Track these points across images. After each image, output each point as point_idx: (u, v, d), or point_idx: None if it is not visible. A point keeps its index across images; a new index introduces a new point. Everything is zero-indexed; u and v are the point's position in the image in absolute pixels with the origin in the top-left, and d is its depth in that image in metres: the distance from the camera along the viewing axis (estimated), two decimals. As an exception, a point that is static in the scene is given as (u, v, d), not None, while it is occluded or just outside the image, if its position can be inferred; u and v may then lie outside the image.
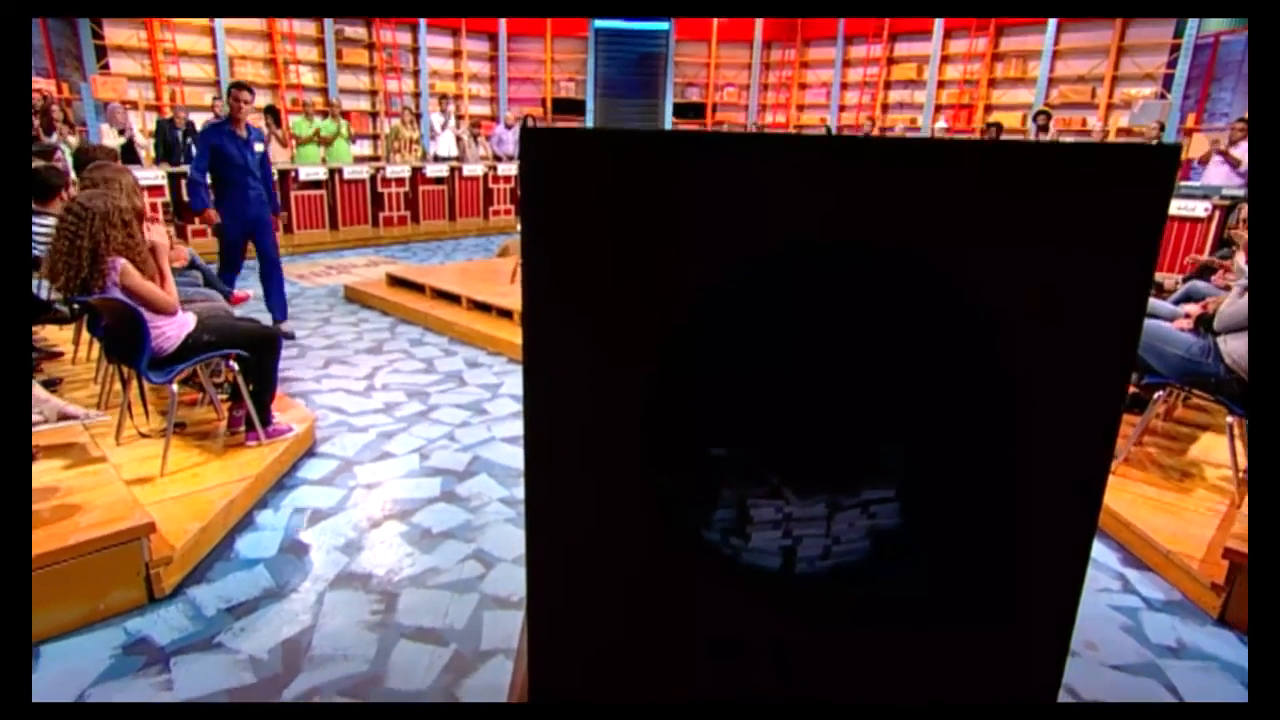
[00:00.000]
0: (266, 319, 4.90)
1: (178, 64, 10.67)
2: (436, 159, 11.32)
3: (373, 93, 12.84)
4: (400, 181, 10.11)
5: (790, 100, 13.94)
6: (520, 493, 2.94)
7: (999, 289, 1.08)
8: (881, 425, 1.26)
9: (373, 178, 9.83)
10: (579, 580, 1.26)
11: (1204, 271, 5.15)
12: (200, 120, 9.96)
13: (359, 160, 11.23)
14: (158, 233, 2.81)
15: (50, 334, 4.26)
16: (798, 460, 1.27)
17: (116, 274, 2.60)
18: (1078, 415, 1.15)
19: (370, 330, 5.33)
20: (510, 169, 11.35)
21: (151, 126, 10.26)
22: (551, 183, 1.06)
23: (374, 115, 12.95)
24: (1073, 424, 1.15)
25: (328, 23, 11.87)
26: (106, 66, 10.13)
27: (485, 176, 11.05)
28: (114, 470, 2.61)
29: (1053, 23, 10.93)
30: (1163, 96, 10.08)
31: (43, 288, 4.43)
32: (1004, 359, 1.11)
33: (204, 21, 10.82)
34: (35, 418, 2.53)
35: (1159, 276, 6.59)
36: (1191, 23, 9.85)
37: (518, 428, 3.62)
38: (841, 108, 13.38)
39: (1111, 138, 10.41)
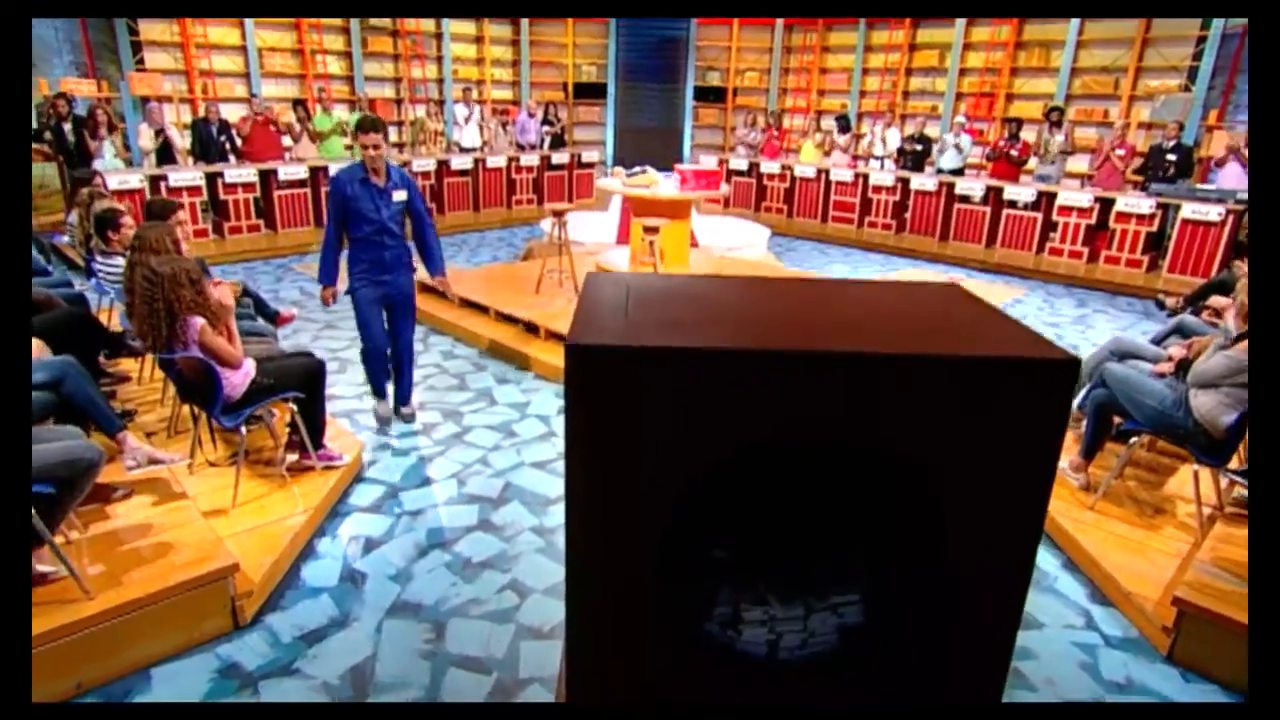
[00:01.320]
0: (313, 346, 5.24)
1: (209, 57, 10.93)
2: (461, 149, 11.56)
3: (397, 80, 13.02)
4: (426, 175, 10.38)
5: (811, 84, 13.92)
6: (549, 521, 3.29)
7: (933, 459, 1.37)
8: (847, 547, 1.56)
9: (399, 172, 10.09)
10: (612, 657, 1.59)
11: (1210, 290, 5.32)
12: (234, 115, 10.28)
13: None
14: (224, 293, 3.12)
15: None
16: (781, 574, 1.57)
17: (195, 332, 2.93)
18: (999, 547, 1.43)
19: (404, 341, 5.65)
20: (533, 159, 11.57)
21: (187, 119, 10.59)
22: (594, 387, 1.35)
23: (399, 102, 13.15)
24: (995, 553, 1.44)
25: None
26: (142, 61, 10.41)
27: (508, 167, 11.28)
28: (194, 505, 2.98)
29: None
30: (1187, 89, 10.02)
31: (99, 297, 4.79)
32: (940, 508, 1.39)
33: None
34: (129, 463, 2.90)
35: (1160, 291, 6.74)
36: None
37: (545, 452, 3.97)
38: (862, 93, 13.35)
39: (1132, 132, 10.38)
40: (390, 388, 4.30)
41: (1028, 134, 10.06)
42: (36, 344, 2.92)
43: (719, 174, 5.85)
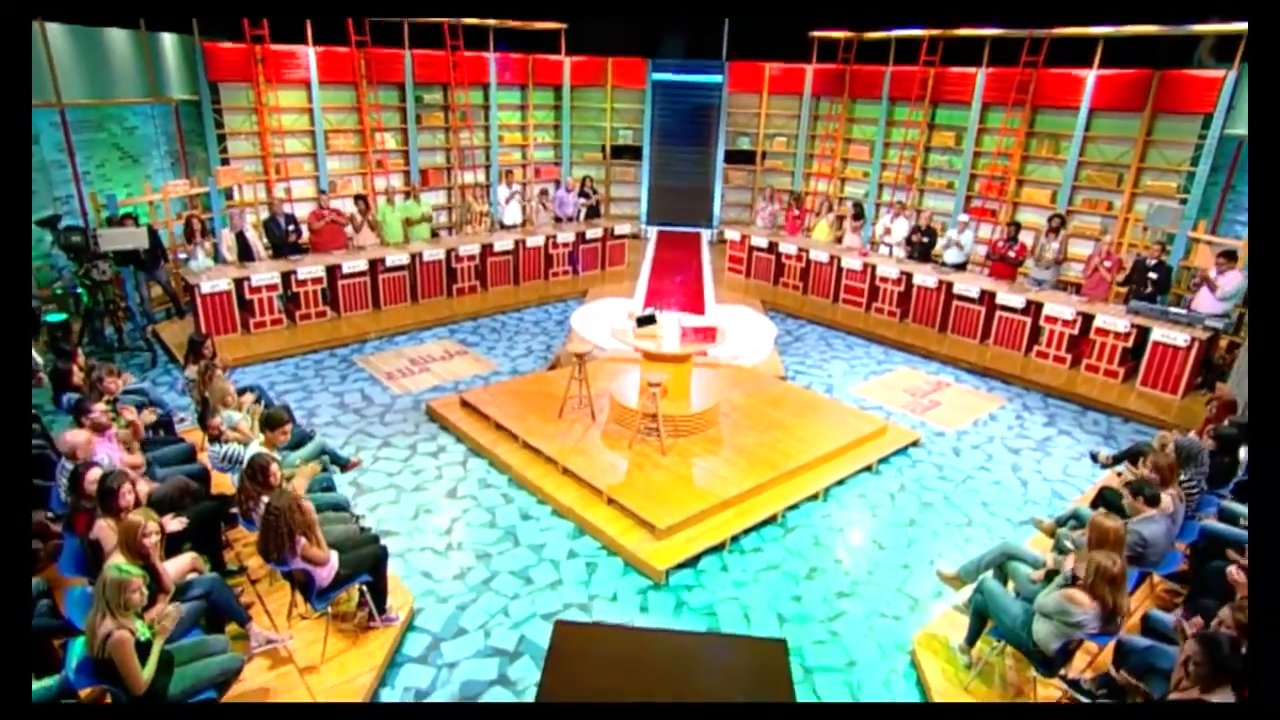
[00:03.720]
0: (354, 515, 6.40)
1: (283, 142, 12.27)
2: (503, 226, 12.74)
3: (447, 149, 14.24)
4: (471, 257, 11.57)
5: (836, 152, 14.67)
6: (549, 679, 4.37)
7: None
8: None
9: (447, 256, 11.31)
10: None
11: (1132, 454, 6.14)
12: (304, 193, 11.55)
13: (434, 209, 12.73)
14: (311, 511, 4.25)
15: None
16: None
17: (299, 548, 4.09)
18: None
19: (448, 464, 6.81)
20: (568, 235, 12.66)
21: (263, 195, 11.99)
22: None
23: (448, 170, 14.39)
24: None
25: (409, 93, 13.27)
26: (226, 149, 11.81)
27: (545, 244, 12.41)
28: (295, 668, 4.15)
29: (1085, 108, 11.46)
30: (1185, 192, 10.56)
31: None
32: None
33: (303, 103, 12.38)
34: (253, 645, 4.09)
35: (1095, 445, 7.49)
36: (1216, 121, 10.27)
37: (552, 602, 5.06)
38: (884, 165, 14.09)
39: (1129, 229, 11.03)
40: None
41: (1032, 217, 10.77)
42: (192, 557, 4.12)
43: (714, 329, 6.84)
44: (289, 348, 9.37)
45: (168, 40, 11.27)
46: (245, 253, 10.08)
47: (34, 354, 8.15)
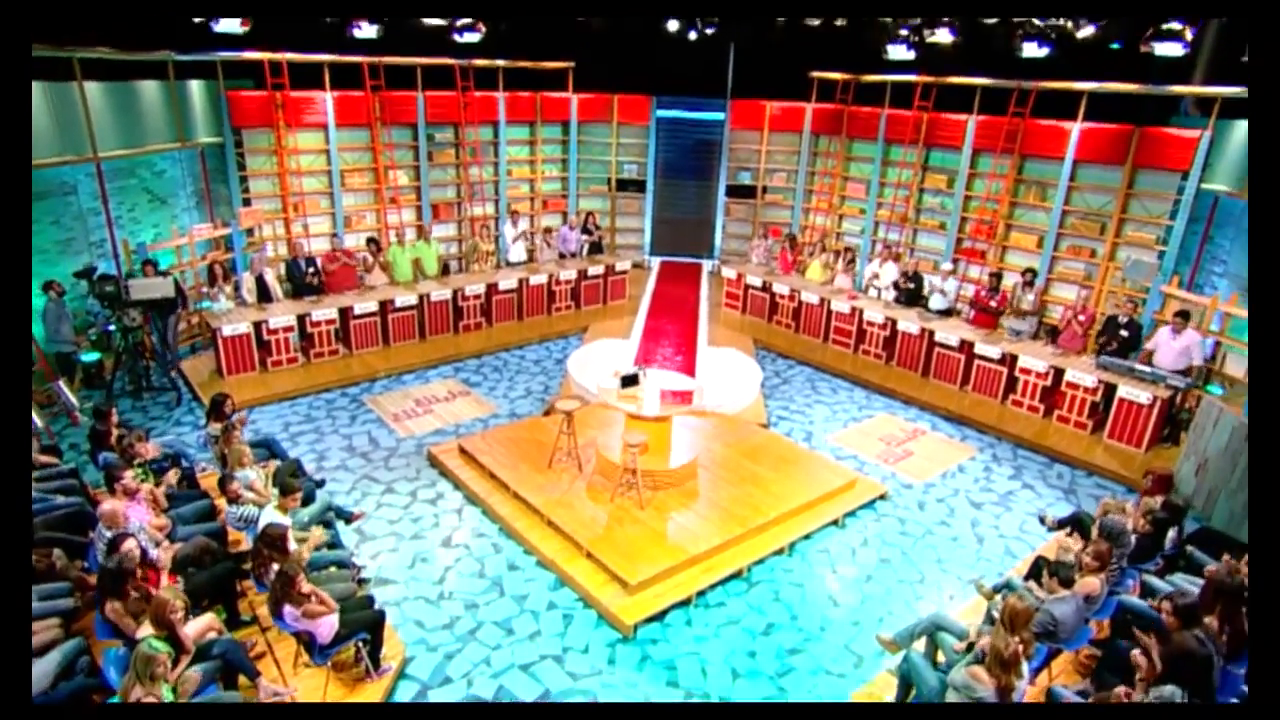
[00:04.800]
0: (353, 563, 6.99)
1: (301, 180, 12.93)
2: (508, 264, 13.34)
3: (458, 185, 14.87)
4: (477, 296, 12.18)
5: (833, 189, 15.13)
6: (522, 730, 4.93)
7: None
8: None
9: (454, 294, 11.92)
10: None
11: (1074, 522, 6.58)
12: (320, 229, 12.18)
13: (442, 241, 13.37)
14: (313, 593, 4.82)
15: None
16: None
17: (298, 613, 4.67)
18: None
19: (445, 512, 7.39)
20: (570, 272, 13.23)
21: (281, 231, 12.68)
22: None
23: (459, 204, 15.01)
24: None
25: (421, 132, 13.90)
26: (247, 189, 12.49)
27: (549, 281, 12.99)
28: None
29: (1069, 158, 11.85)
30: (1164, 243, 10.93)
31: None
32: None
33: (321, 144, 13.05)
34: (262, 695, 4.68)
35: (1056, 500, 7.93)
36: (1193, 177, 10.64)
37: (529, 653, 5.62)
38: (879, 204, 14.52)
39: (1109, 277, 11.42)
40: None
41: (1020, 261, 11.16)
42: (210, 617, 4.73)
43: (692, 392, 7.37)
44: (304, 386, 10.00)
45: (195, 87, 11.95)
46: (264, 294, 10.73)
47: (69, 394, 8.86)
